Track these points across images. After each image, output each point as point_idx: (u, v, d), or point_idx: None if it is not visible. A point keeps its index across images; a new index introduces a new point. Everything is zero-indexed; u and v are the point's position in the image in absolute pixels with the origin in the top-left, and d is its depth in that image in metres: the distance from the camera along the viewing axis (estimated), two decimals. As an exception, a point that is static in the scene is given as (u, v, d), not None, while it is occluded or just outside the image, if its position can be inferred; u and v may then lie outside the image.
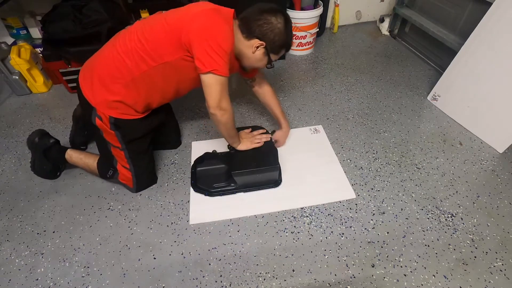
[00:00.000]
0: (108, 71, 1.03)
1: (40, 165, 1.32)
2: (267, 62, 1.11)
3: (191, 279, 1.02)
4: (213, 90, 0.99)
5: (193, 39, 0.94)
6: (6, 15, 1.97)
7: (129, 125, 1.12)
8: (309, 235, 1.13)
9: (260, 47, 1.05)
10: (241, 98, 1.80)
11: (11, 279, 1.04)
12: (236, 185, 1.27)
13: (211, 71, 0.95)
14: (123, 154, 1.17)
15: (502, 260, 1.04)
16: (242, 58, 1.11)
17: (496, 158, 1.40)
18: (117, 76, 1.02)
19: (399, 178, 1.33)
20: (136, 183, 1.26)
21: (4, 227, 1.19)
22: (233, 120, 1.14)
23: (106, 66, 1.03)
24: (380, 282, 1.00)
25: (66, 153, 1.29)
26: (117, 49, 1.02)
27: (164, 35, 0.97)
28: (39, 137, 1.27)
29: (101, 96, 1.05)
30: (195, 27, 0.94)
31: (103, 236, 1.15)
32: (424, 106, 1.72)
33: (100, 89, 1.04)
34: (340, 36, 2.44)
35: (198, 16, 0.96)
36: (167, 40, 0.97)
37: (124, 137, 1.13)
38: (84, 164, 1.29)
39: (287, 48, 1.12)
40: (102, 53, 1.07)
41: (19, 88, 1.87)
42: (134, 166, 1.21)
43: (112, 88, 1.03)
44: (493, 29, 1.37)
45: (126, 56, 1.00)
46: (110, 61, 1.03)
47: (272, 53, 1.08)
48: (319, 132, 1.57)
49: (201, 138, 1.55)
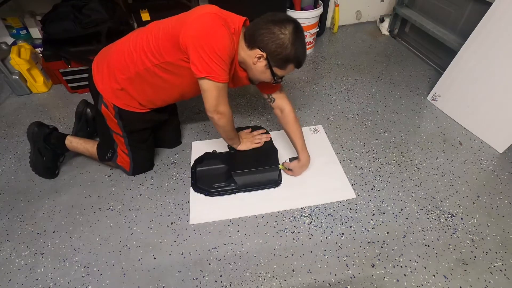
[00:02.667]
0: (118, 62, 1.06)
1: (40, 159, 1.30)
2: (271, 75, 1.04)
3: (191, 279, 1.02)
4: (209, 95, 0.99)
5: (189, 43, 0.93)
6: (6, 15, 1.98)
7: (132, 117, 1.16)
8: (309, 235, 1.13)
9: (261, 58, 1.00)
10: (241, 98, 1.80)
11: (11, 279, 1.04)
12: (236, 185, 1.27)
13: (207, 76, 0.94)
14: (123, 141, 1.22)
15: (502, 260, 1.04)
16: (247, 68, 1.07)
17: (496, 158, 1.40)
18: (124, 68, 1.06)
19: (399, 178, 1.33)
20: (133, 168, 1.32)
21: (4, 227, 1.19)
22: (232, 123, 1.14)
23: (116, 57, 1.07)
24: (380, 282, 1.00)
25: (66, 138, 1.32)
26: (129, 43, 1.06)
27: (167, 36, 0.98)
28: (37, 126, 1.29)
29: (108, 83, 1.09)
30: (192, 31, 0.93)
31: (103, 236, 1.15)
32: (424, 106, 1.72)
33: (109, 77, 1.09)
34: (340, 36, 2.44)
35: (197, 20, 0.94)
36: (168, 41, 0.98)
37: (126, 127, 1.18)
38: (84, 148, 1.32)
39: (296, 63, 1.02)
40: (117, 44, 1.11)
41: (19, 88, 1.87)
42: (133, 153, 1.27)
43: (118, 78, 1.08)
44: (493, 29, 1.37)
45: (135, 51, 1.03)
46: (120, 53, 1.06)
47: (275, 66, 1.01)
48: (319, 132, 1.57)
49: (201, 138, 1.55)
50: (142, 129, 1.24)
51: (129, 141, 1.23)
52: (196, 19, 0.94)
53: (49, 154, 1.32)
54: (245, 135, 1.31)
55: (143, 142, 1.29)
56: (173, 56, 0.99)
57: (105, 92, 1.10)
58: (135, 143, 1.25)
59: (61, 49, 1.67)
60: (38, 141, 1.29)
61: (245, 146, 1.27)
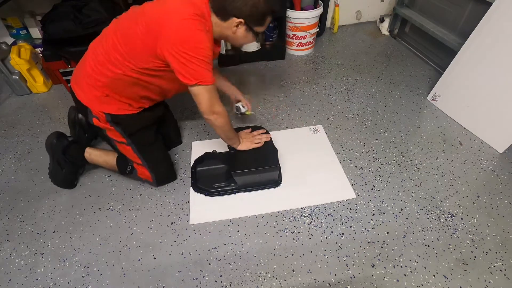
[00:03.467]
0: (93, 71, 1.03)
1: (59, 170, 1.28)
2: (253, 36, 1.06)
3: (191, 279, 1.02)
4: (202, 98, 0.99)
5: (169, 55, 0.91)
6: (6, 15, 1.98)
7: (127, 119, 1.12)
8: (309, 235, 1.13)
9: (240, 24, 1.00)
10: (241, 98, 1.80)
11: (11, 279, 1.04)
12: (236, 185, 1.27)
13: (197, 83, 0.94)
14: (131, 150, 1.18)
15: (502, 260, 1.04)
16: (227, 39, 1.07)
17: (496, 158, 1.40)
18: (100, 75, 1.02)
19: (399, 178, 1.33)
20: (156, 178, 1.27)
21: (4, 227, 1.19)
22: (229, 122, 1.14)
23: (90, 66, 1.03)
24: (380, 282, 1.00)
25: (85, 151, 1.29)
26: (100, 50, 1.01)
27: (139, 42, 0.94)
28: (56, 138, 1.25)
29: (91, 93, 1.06)
30: (171, 42, 0.90)
31: (103, 236, 1.15)
32: (424, 106, 1.72)
33: (89, 88, 1.05)
34: (340, 36, 2.44)
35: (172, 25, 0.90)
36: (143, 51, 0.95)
37: (125, 131, 1.14)
38: (103, 161, 1.29)
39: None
40: (87, 54, 1.07)
41: (19, 88, 1.87)
42: (146, 160, 1.22)
43: (98, 86, 1.04)
44: (493, 29, 1.37)
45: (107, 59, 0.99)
46: (93, 62, 1.03)
47: (255, 26, 1.02)
48: (319, 132, 1.57)
49: (201, 138, 1.55)
50: (142, 128, 1.19)
51: (136, 147, 1.18)
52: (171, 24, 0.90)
53: (69, 166, 1.29)
54: (245, 135, 1.31)
55: (150, 144, 1.24)
56: (150, 63, 0.97)
57: (90, 103, 1.07)
58: (143, 147, 1.20)
59: (61, 49, 1.67)
60: (56, 154, 1.26)
61: (245, 146, 1.27)
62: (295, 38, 2.11)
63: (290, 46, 2.19)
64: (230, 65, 2.11)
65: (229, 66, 2.11)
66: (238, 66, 2.11)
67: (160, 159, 1.29)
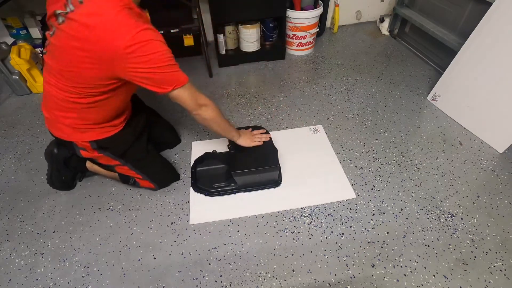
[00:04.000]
0: (56, 108, 0.97)
1: (58, 177, 1.28)
2: None
3: (191, 279, 1.02)
4: (183, 98, 0.95)
5: (137, 75, 0.84)
6: (6, 15, 1.98)
7: (113, 141, 1.08)
8: (309, 235, 1.13)
9: None
10: (240, 99, 1.80)
11: (11, 279, 1.04)
12: (236, 185, 1.27)
13: (174, 88, 0.90)
14: (127, 168, 1.18)
15: (502, 260, 1.04)
16: None
17: (496, 158, 1.40)
18: (65, 112, 0.97)
19: (399, 178, 1.33)
20: (159, 186, 1.28)
21: (4, 227, 1.19)
22: (220, 113, 1.08)
23: (52, 105, 0.97)
24: (380, 282, 1.00)
25: (86, 162, 1.28)
26: (51, 87, 0.94)
27: (88, 71, 0.84)
28: (57, 147, 1.23)
29: (70, 127, 1.01)
30: (134, 65, 0.81)
31: (103, 236, 1.15)
32: (424, 106, 1.72)
33: (61, 125, 1.01)
34: (340, 36, 2.44)
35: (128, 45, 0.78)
36: (94, 78, 0.87)
37: (115, 153, 1.12)
38: (106, 172, 1.27)
39: None
40: (44, 94, 1.00)
41: (19, 88, 1.87)
42: (145, 173, 1.22)
43: (69, 120, 0.99)
44: (493, 29, 1.37)
45: (61, 94, 0.92)
46: (52, 100, 0.96)
47: None
48: (319, 132, 1.57)
49: (201, 138, 1.55)
50: (131, 146, 1.15)
51: (132, 164, 1.17)
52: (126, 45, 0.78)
53: (68, 173, 1.29)
54: (245, 131, 1.30)
55: (144, 158, 1.21)
56: (103, 88, 0.90)
57: (73, 136, 1.03)
58: (138, 162, 1.18)
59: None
60: (56, 163, 1.25)
61: (244, 141, 1.24)
62: (295, 38, 2.11)
63: (290, 46, 2.19)
64: (230, 65, 2.12)
65: (229, 66, 2.11)
66: (238, 66, 2.11)
67: (158, 170, 1.28)
